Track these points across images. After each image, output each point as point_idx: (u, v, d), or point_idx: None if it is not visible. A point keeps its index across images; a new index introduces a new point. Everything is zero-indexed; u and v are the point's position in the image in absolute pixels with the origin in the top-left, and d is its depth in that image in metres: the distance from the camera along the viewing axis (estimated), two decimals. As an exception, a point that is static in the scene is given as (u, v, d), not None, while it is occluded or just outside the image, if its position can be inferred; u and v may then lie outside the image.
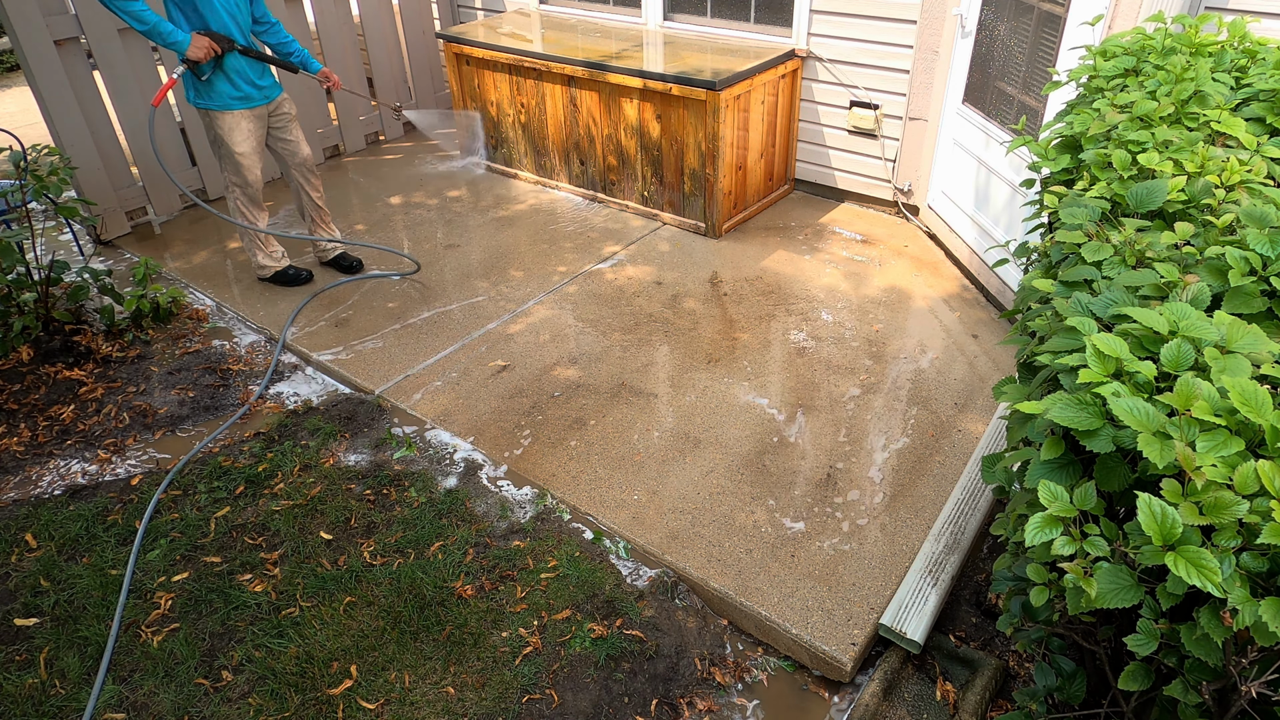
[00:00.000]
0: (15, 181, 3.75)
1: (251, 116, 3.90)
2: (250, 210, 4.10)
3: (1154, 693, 1.59)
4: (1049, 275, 1.96)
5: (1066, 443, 1.46)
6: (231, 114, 3.83)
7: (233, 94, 3.79)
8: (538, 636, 2.50)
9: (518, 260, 4.56)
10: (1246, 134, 2.04)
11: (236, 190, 4.03)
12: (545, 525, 2.89)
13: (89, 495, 3.08)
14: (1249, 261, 1.57)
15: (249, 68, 3.82)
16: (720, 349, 3.75)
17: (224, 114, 3.82)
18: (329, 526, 2.92)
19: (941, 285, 4.22)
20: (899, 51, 4.46)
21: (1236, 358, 1.36)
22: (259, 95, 3.89)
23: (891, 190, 4.89)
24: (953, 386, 3.46)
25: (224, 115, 3.82)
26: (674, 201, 4.84)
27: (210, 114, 3.82)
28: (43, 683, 2.42)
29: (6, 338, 3.70)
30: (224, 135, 3.85)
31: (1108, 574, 1.28)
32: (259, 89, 3.88)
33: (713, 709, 2.35)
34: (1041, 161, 2.35)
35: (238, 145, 3.89)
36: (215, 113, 3.81)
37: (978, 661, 2.37)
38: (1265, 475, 1.18)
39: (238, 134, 3.87)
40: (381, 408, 3.48)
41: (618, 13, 5.50)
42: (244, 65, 3.80)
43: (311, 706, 2.33)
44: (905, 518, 2.82)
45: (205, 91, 3.76)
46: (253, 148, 3.95)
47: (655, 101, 4.56)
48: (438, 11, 6.40)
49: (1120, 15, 3.11)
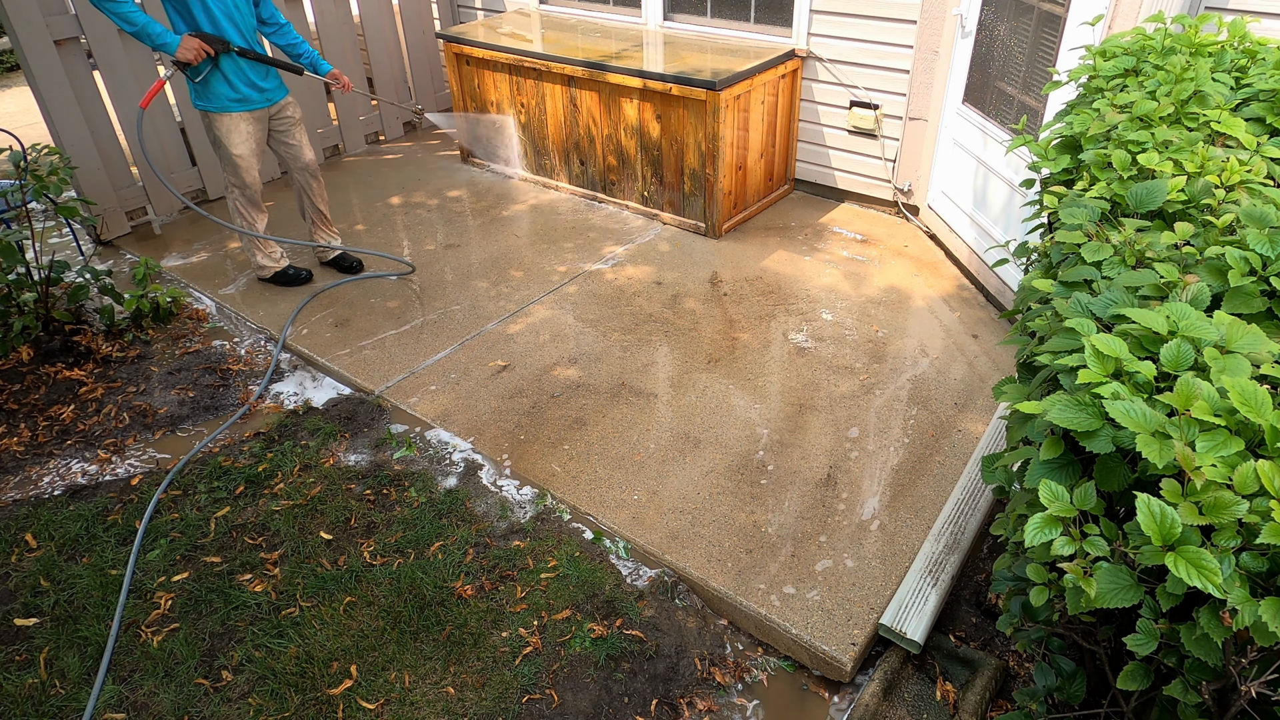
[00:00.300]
0: (15, 181, 3.75)
1: (251, 119, 3.86)
2: (249, 211, 4.07)
3: (1154, 693, 1.59)
4: (1049, 275, 1.96)
5: (1066, 443, 1.46)
6: (229, 116, 3.80)
7: (230, 96, 3.76)
8: (538, 636, 2.50)
9: (518, 260, 4.56)
10: (1246, 134, 2.04)
11: (236, 191, 4.01)
12: (545, 525, 2.89)
13: (89, 495, 3.08)
14: (1249, 261, 1.57)
15: (249, 69, 3.77)
16: (720, 349, 3.75)
17: (222, 116, 3.79)
18: (329, 526, 2.92)
19: (941, 285, 4.22)
20: (899, 51, 4.46)
21: (1236, 358, 1.36)
22: (259, 98, 3.85)
23: (891, 190, 4.89)
24: (953, 386, 3.46)
25: (222, 117, 3.80)
26: (674, 201, 4.84)
27: (209, 115, 3.80)
28: (43, 683, 2.42)
29: (6, 338, 3.70)
30: (222, 137, 3.83)
31: (1107, 574, 1.28)
32: (260, 91, 3.84)
33: (713, 709, 2.35)
34: (1041, 161, 2.35)
35: (235, 147, 3.86)
36: (213, 114, 3.79)
37: (978, 661, 2.37)
38: (1265, 475, 1.18)
39: (235, 136, 3.85)
40: (381, 408, 3.48)
41: (618, 13, 5.50)
42: (244, 67, 3.75)
43: (311, 706, 2.33)
44: (905, 518, 2.82)
45: (203, 93, 3.74)
46: (251, 150, 3.92)
47: (655, 101, 4.56)
48: (438, 11, 6.40)
49: (1120, 15, 3.11)
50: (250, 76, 3.79)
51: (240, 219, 4.08)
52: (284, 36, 3.97)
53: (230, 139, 3.84)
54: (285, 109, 4.01)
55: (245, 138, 3.87)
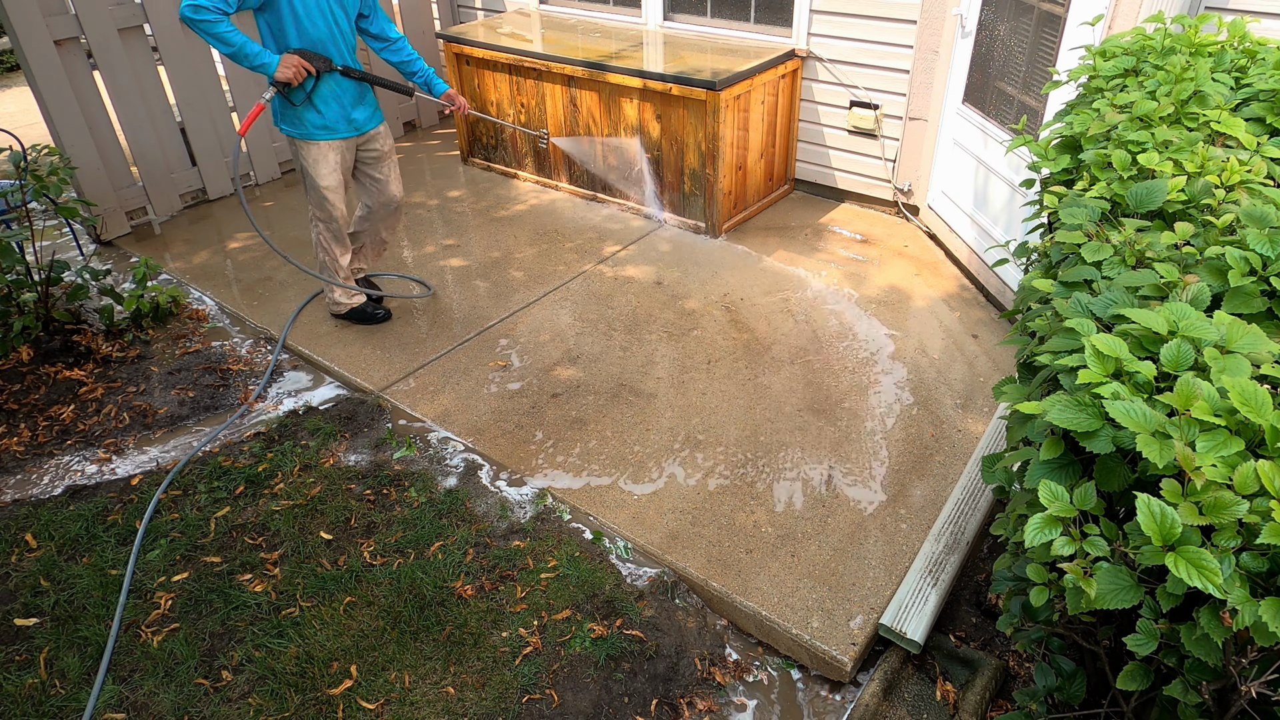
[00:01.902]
0: (15, 181, 3.75)
1: (341, 147, 3.51)
2: (333, 247, 3.74)
3: (1154, 693, 1.59)
4: (1049, 275, 1.96)
5: (1066, 443, 1.46)
6: (318, 144, 3.44)
7: (315, 123, 3.40)
8: (538, 636, 2.50)
9: (518, 260, 4.56)
10: (1246, 134, 2.04)
11: (321, 225, 3.67)
12: (545, 525, 2.89)
13: (89, 495, 3.08)
14: (1249, 261, 1.57)
15: (346, 94, 3.42)
16: (720, 348, 3.75)
17: (309, 144, 3.44)
18: (329, 526, 2.92)
19: (941, 285, 4.22)
20: (899, 51, 4.45)
21: (1236, 358, 1.36)
22: (347, 128, 3.48)
23: (891, 190, 4.89)
24: (953, 386, 3.46)
25: (309, 145, 3.44)
26: (674, 201, 4.84)
27: (295, 142, 3.46)
28: (43, 683, 2.42)
29: (6, 338, 3.70)
30: (309, 166, 3.48)
31: (1108, 574, 1.28)
32: (349, 122, 3.47)
33: (713, 709, 2.35)
34: (1041, 161, 2.35)
35: (323, 179, 3.50)
36: (299, 141, 3.45)
37: (978, 661, 2.37)
38: (1265, 475, 1.18)
39: (324, 166, 3.48)
40: (381, 408, 3.48)
41: (618, 13, 5.50)
42: (342, 89, 3.41)
43: (311, 706, 2.33)
44: (905, 518, 2.82)
45: (289, 115, 3.40)
46: (339, 181, 3.56)
47: (655, 101, 4.56)
48: (438, 11, 6.40)
49: (1120, 15, 3.11)
50: (345, 101, 3.44)
51: (323, 252, 3.76)
52: (397, 53, 3.61)
53: (318, 169, 3.48)
54: (375, 139, 3.62)
55: (334, 168, 3.51)
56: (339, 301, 3.98)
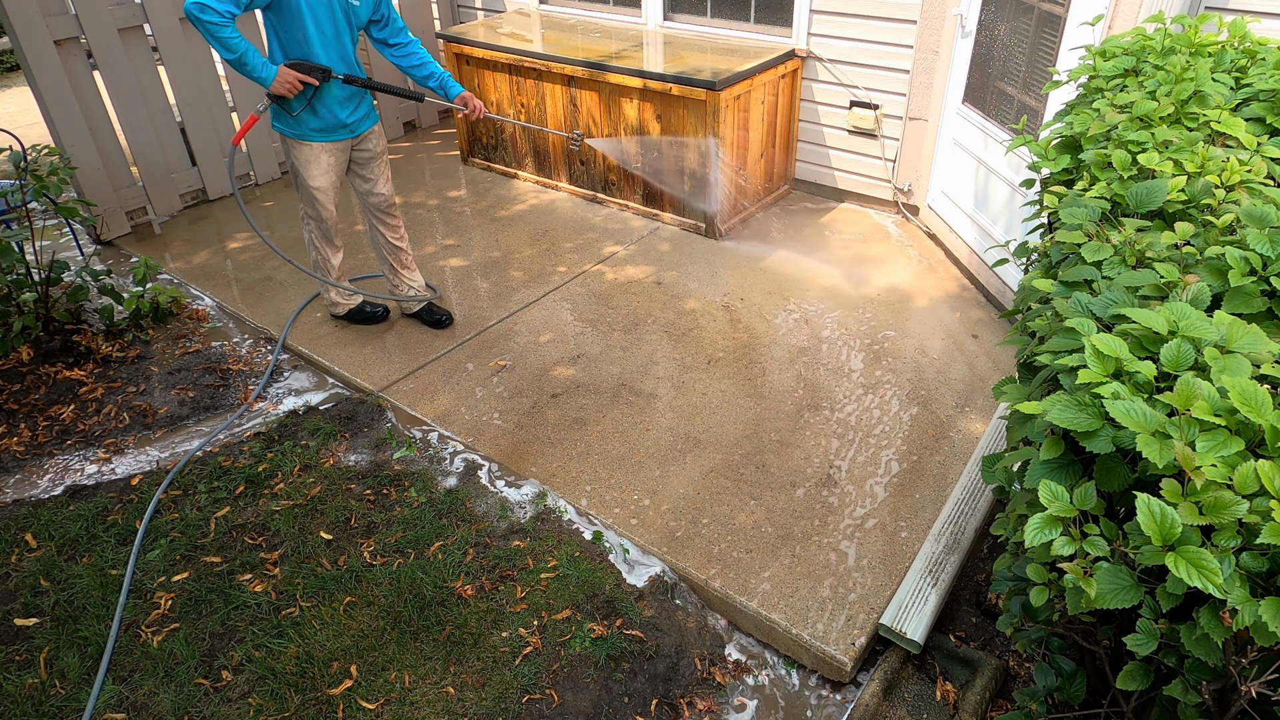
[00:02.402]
0: (15, 181, 3.75)
1: (334, 149, 3.47)
2: (324, 247, 3.73)
3: (1154, 693, 1.59)
4: (1049, 275, 1.96)
5: (1066, 443, 1.46)
6: (310, 145, 3.41)
7: (313, 124, 3.37)
8: (538, 636, 2.50)
9: (518, 260, 4.56)
10: (1246, 134, 2.04)
11: (312, 224, 3.66)
12: (545, 525, 2.89)
13: (89, 495, 3.08)
14: (1249, 261, 1.57)
15: (344, 98, 3.38)
16: (720, 348, 3.75)
17: (302, 144, 3.41)
18: (329, 526, 2.92)
19: (941, 285, 4.22)
20: (899, 51, 4.45)
21: (1236, 358, 1.36)
22: (342, 131, 3.44)
23: (891, 190, 4.89)
24: (953, 386, 3.46)
25: (302, 145, 3.41)
26: (674, 201, 4.84)
27: (288, 141, 3.43)
28: (43, 683, 2.42)
29: (6, 338, 3.70)
30: (300, 166, 3.46)
31: (1107, 574, 1.28)
32: (344, 126, 3.43)
33: (713, 709, 2.35)
34: (1041, 161, 2.35)
35: (315, 180, 3.48)
36: (292, 141, 3.41)
37: (978, 661, 2.37)
38: (1265, 475, 1.18)
39: (315, 168, 3.46)
40: (381, 408, 3.48)
41: (618, 13, 5.50)
42: (339, 96, 3.36)
43: (311, 706, 2.33)
44: (905, 518, 2.82)
45: (285, 116, 3.37)
46: (331, 182, 3.53)
47: (655, 101, 4.56)
48: (438, 11, 6.40)
49: (1120, 15, 3.11)
50: (343, 108, 3.39)
51: (315, 251, 3.76)
52: (409, 57, 3.51)
53: (309, 170, 3.46)
54: (368, 140, 3.57)
55: (326, 169, 3.49)
56: (336, 302, 3.99)
